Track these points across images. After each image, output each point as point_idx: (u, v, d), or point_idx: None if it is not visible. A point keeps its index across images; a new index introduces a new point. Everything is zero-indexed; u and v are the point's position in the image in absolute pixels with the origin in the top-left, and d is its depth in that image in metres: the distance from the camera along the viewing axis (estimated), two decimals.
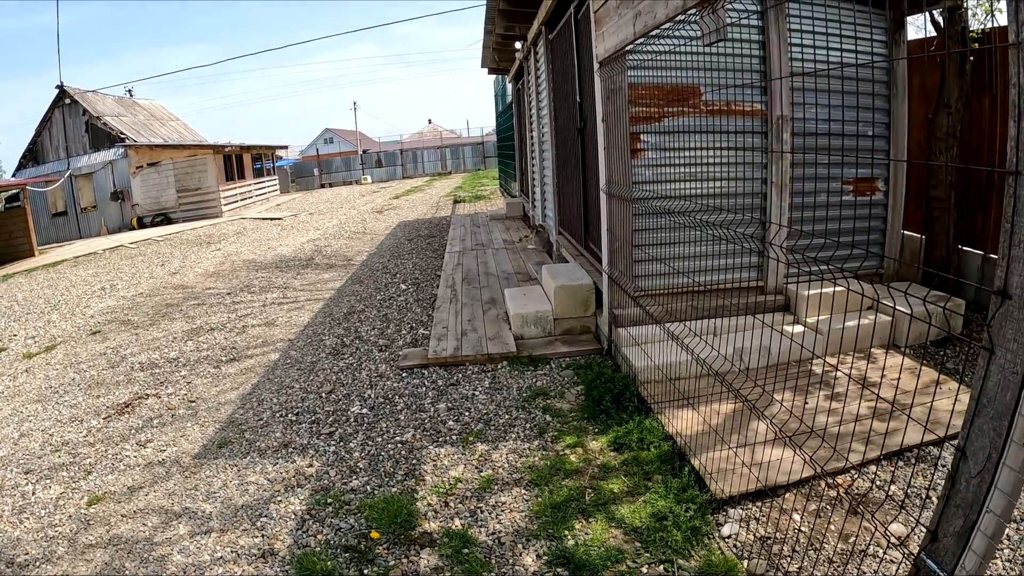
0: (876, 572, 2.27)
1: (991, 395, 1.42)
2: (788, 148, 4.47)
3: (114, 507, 3.31)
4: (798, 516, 2.64)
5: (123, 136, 21.59)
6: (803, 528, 2.57)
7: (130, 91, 26.11)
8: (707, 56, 4.29)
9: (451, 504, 3.00)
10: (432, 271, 8.75)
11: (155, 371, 5.62)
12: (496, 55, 11.70)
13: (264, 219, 19.44)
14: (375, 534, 2.81)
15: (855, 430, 3.07)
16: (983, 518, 1.44)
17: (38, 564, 2.88)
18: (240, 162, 24.78)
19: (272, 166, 29.88)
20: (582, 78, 5.83)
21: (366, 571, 2.59)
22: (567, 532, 2.68)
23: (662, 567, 2.42)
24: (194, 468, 3.66)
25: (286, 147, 33.75)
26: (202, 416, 4.45)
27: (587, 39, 5.11)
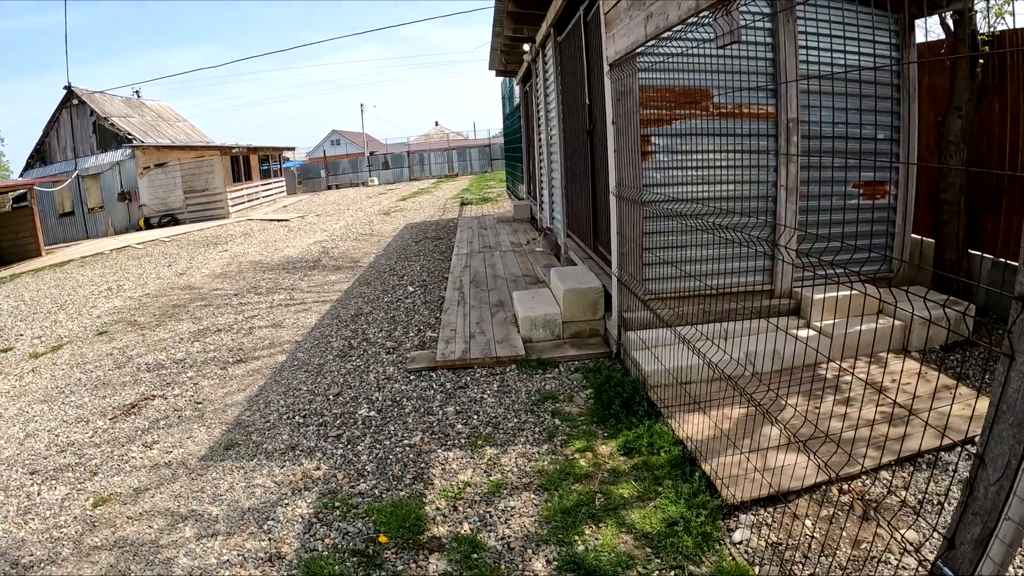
0: None
1: (1011, 401, 1.40)
2: (798, 151, 4.45)
3: (120, 509, 3.31)
4: (810, 522, 2.62)
5: (131, 137, 21.71)
6: (815, 534, 2.55)
7: (138, 92, 26.32)
8: (717, 59, 4.28)
9: (460, 508, 2.98)
10: (439, 273, 8.74)
11: (161, 372, 5.62)
12: (504, 57, 11.71)
13: (271, 220, 19.49)
14: (383, 538, 2.79)
15: (868, 435, 3.04)
16: (1001, 525, 1.42)
17: (43, 565, 2.87)
18: (247, 163, 24.85)
19: (279, 167, 29.97)
20: (591, 80, 5.82)
21: None
22: (577, 537, 2.66)
23: (673, 573, 2.40)
24: (200, 470, 3.65)
25: (293, 148, 33.91)
26: (208, 417, 4.45)
27: (596, 41, 5.09)
